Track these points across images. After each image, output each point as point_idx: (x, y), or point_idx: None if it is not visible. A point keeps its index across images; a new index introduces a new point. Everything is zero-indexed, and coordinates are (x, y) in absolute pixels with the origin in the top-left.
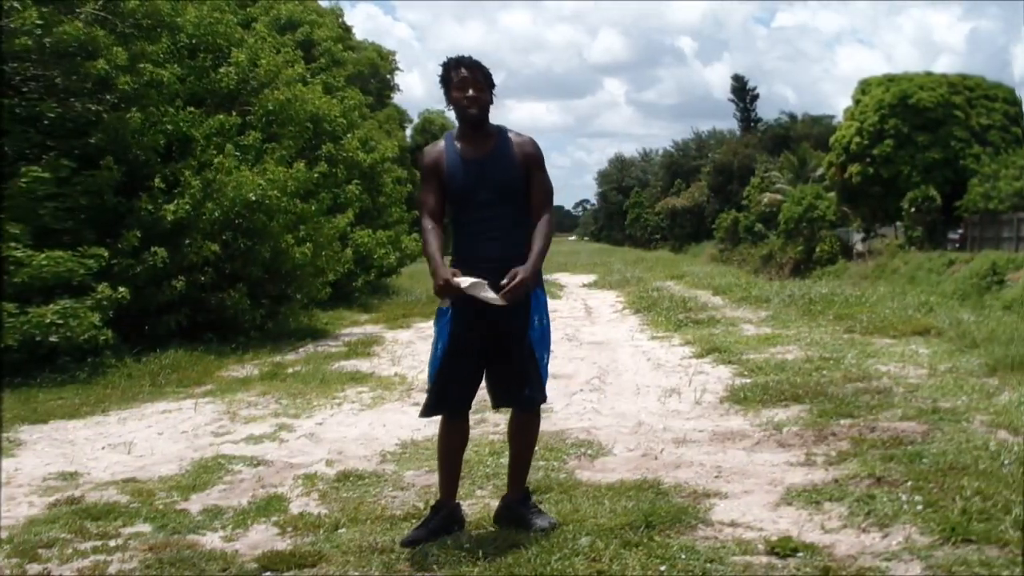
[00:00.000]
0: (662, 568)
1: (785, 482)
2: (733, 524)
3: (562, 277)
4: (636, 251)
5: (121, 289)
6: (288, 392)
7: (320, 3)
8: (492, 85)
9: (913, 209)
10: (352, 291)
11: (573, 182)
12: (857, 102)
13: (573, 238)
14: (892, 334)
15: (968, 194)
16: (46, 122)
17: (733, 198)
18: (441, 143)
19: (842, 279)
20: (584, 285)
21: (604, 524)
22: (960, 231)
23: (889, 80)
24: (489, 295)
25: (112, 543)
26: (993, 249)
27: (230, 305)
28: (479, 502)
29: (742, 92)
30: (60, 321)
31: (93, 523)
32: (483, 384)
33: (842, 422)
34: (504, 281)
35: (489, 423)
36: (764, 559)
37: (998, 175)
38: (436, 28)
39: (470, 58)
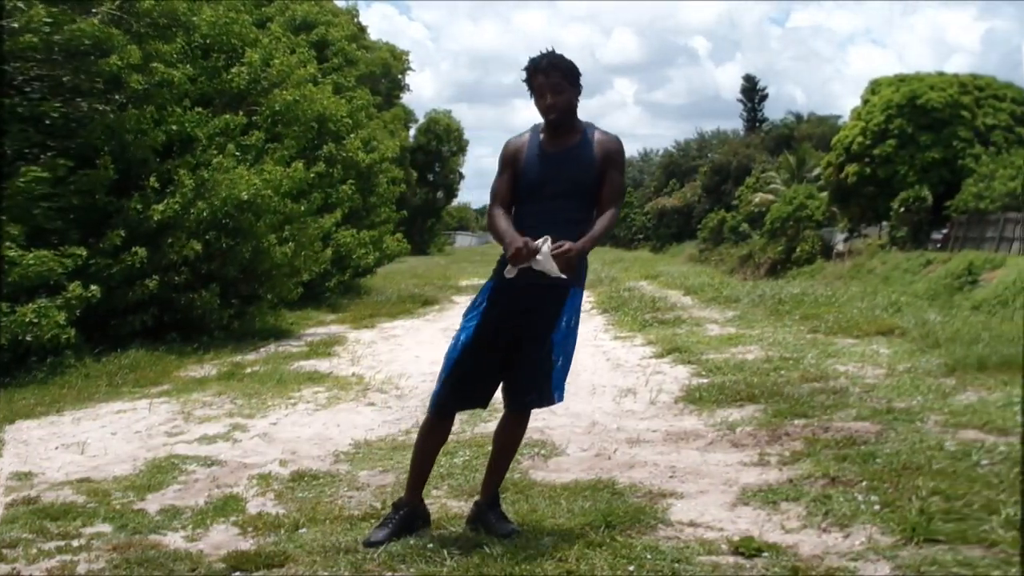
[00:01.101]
0: (630, 568)
1: (740, 482)
2: (692, 524)
3: None
4: (616, 251)
5: (92, 288)
6: (244, 392)
7: (336, 3)
8: (575, 80)
9: (903, 209)
10: (323, 291)
11: None
12: (866, 102)
13: None
14: (855, 334)
15: (961, 193)
16: (47, 122)
17: (725, 198)
18: (526, 134)
19: (816, 279)
20: None
21: (563, 524)
22: (944, 231)
23: (900, 80)
24: (553, 268)
25: (75, 543)
26: (974, 249)
27: (198, 305)
28: (436, 502)
29: (752, 92)
30: (35, 320)
31: (52, 523)
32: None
33: (796, 422)
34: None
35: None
36: (731, 559)
37: (994, 175)
38: (450, 28)
39: (549, 60)
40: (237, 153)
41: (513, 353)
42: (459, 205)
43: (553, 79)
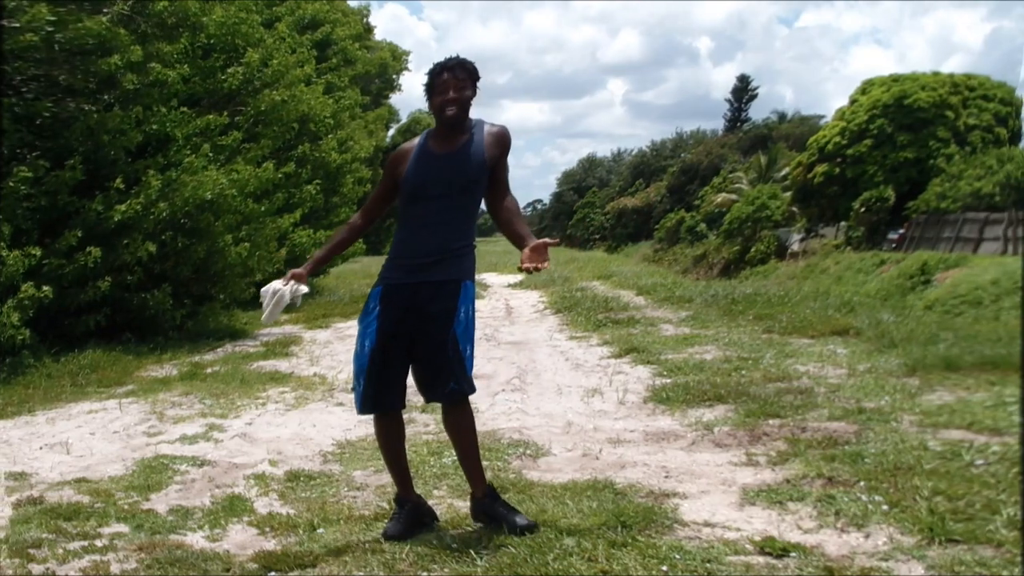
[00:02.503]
0: (663, 568)
1: (737, 482)
2: (708, 524)
3: (489, 277)
4: (571, 251)
5: (45, 288)
6: (210, 392)
7: (349, 3)
8: (475, 82)
9: (863, 209)
10: None
11: (536, 182)
12: (853, 102)
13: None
14: (811, 334)
15: (924, 193)
16: (38, 121)
17: (688, 198)
18: (415, 140)
19: (769, 279)
20: (509, 285)
21: (578, 524)
22: (900, 231)
23: (894, 80)
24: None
25: (98, 543)
26: (929, 250)
27: (151, 305)
28: (441, 502)
29: (742, 92)
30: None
31: (67, 523)
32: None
33: (771, 422)
34: (530, 251)
35: (419, 423)
36: (761, 559)
37: (962, 175)
38: (458, 28)
39: (455, 60)
40: (210, 154)
41: (418, 347)
42: None
43: (459, 76)
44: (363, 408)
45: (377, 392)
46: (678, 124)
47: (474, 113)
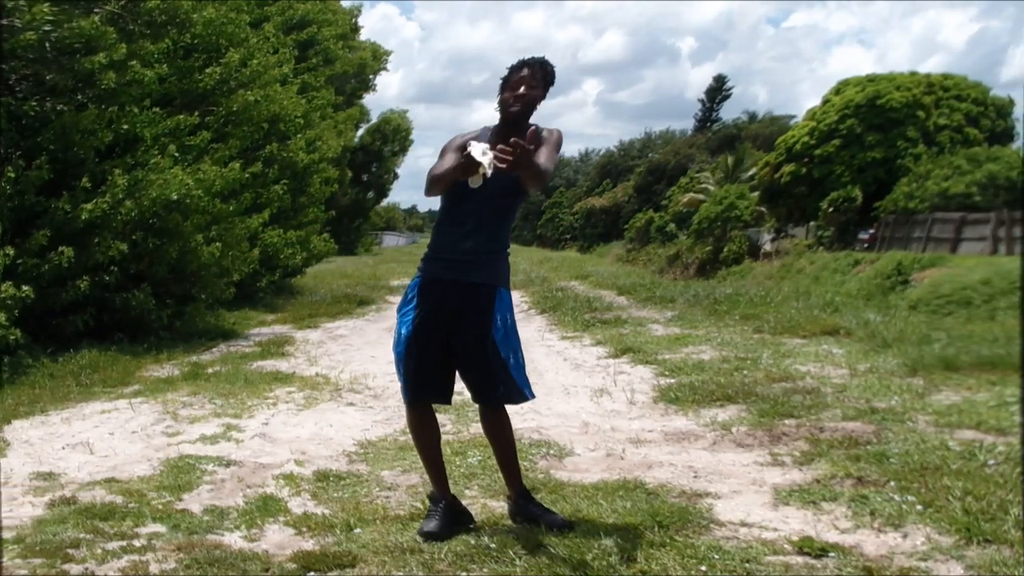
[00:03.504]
0: (702, 568)
1: (767, 482)
2: (745, 524)
3: None
4: (543, 251)
5: (24, 288)
6: (218, 392)
7: (342, 3)
8: (548, 85)
9: (831, 209)
10: (256, 291)
11: None
12: (826, 102)
13: None
14: (802, 334)
15: (892, 193)
16: (24, 121)
17: (655, 198)
18: (475, 132)
19: (747, 279)
20: None
21: (616, 524)
22: (871, 231)
23: (869, 80)
24: (486, 160)
25: (136, 543)
26: (901, 250)
27: (135, 305)
28: (475, 503)
29: (716, 92)
30: None
31: (104, 523)
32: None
33: (787, 422)
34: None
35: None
36: (799, 559)
37: (929, 175)
38: (445, 28)
39: (539, 60)
40: (177, 154)
41: (460, 354)
42: (387, 205)
43: (536, 74)
44: (412, 395)
45: (414, 380)
46: (649, 124)
47: (445, 109)
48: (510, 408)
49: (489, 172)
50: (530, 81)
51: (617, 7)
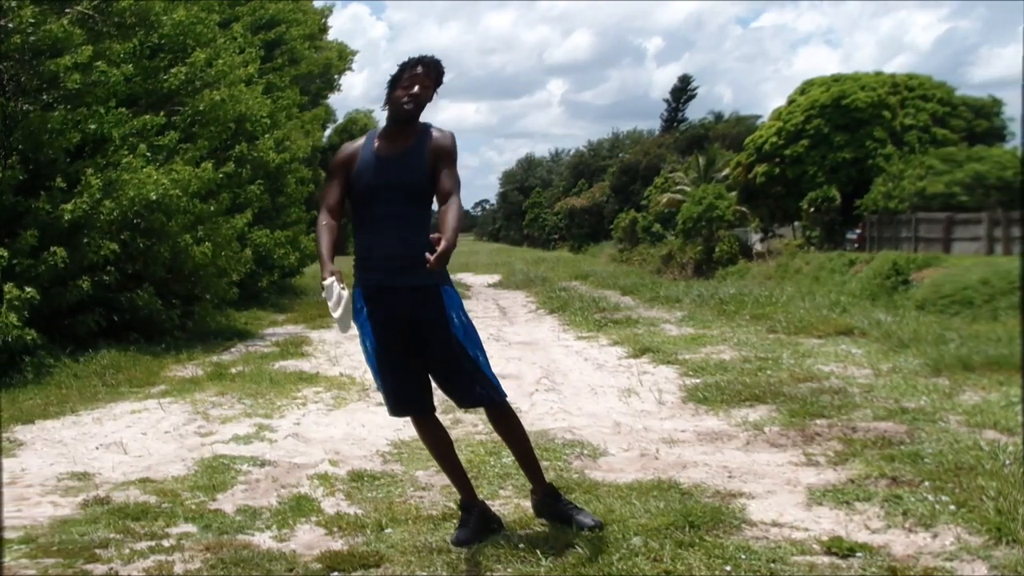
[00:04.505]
0: (727, 568)
1: (802, 482)
2: (776, 524)
3: (467, 277)
4: (535, 251)
5: (28, 289)
6: (245, 392)
7: (314, 3)
8: (439, 84)
9: (812, 209)
10: (259, 292)
11: (477, 182)
12: (791, 102)
13: (472, 238)
14: (816, 334)
15: (870, 193)
16: (7, 122)
17: (634, 198)
18: (360, 140)
19: (746, 279)
20: (490, 285)
21: (647, 524)
22: (858, 231)
23: (834, 80)
24: (337, 312)
25: (165, 543)
26: (892, 249)
27: (142, 305)
28: (508, 502)
29: (681, 92)
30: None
31: (136, 523)
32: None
33: (819, 422)
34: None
35: (467, 423)
36: (826, 559)
37: (903, 175)
38: (413, 29)
39: (430, 57)
40: (148, 154)
41: (427, 357)
42: None
43: (429, 75)
44: (392, 410)
45: (396, 390)
46: (615, 124)
47: None
48: (541, 409)
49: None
50: (424, 80)
51: (589, 7)
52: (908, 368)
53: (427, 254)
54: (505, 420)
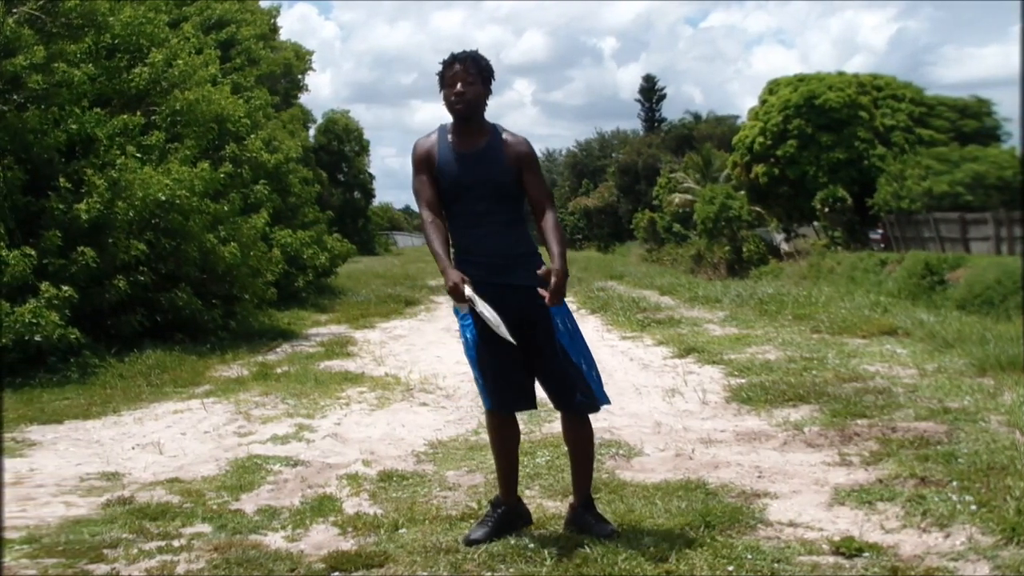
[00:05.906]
0: (729, 568)
1: (830, 482)
2: (792, 524)
3: None
4: None
5: (66, 288)
6: (289, 392)
7: (261, 3)
8: (488, 79)
9: (826, 209)
10: (296, 292)
11: None
12: (763, 102)
13: None
14: (860, 334)
15: (878, 193)
16: None
17: (643, 198)
18: (434, 135)
19: (781, 279)
20: None
21: (663, 524)
22: (881, 231)
23: (799, 80)
24: (492, 321)
25: (175, 543)
26: (920, 249)
27: (183, 305)
28: (531, 502)
29: (650, 92)
30: (35, 320)
31: (152, 523)
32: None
33: (859, 422)
34: (543, 292)
35: None
36: (831, 559)
37: (904, 175)
38: (364, 29)
39: (469, 54)
40: (138, 154)
41: (530, 357)
42: (382, 205)
43: (468, 70)
44: (490, 404)
45: (495, 389)
46: (596, 124)
47: (388, 110)
48: None
49: (499, 328)
50: (464, 77)
51: (535, 7)
52: (953, 368)
53: (540, 289)
54: (582, 428)
